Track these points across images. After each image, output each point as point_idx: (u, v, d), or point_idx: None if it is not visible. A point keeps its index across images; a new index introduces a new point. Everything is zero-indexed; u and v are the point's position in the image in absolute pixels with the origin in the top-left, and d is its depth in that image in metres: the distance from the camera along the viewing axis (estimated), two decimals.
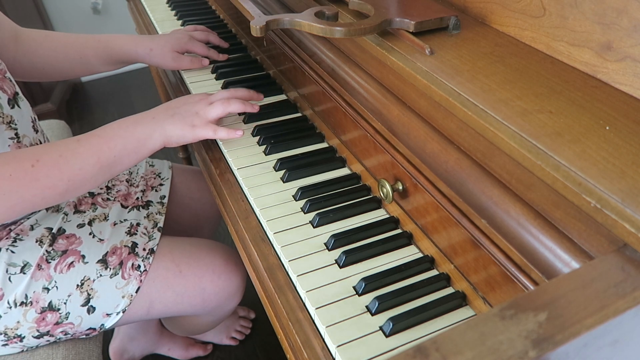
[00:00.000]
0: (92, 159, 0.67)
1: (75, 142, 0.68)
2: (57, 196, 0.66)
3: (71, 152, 0.66)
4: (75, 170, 0.66)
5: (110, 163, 0.69)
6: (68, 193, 0.67)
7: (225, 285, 0.86)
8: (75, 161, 0.66)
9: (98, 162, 0.68)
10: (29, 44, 0.90)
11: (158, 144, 0.73)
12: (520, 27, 0.56)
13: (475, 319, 0.32)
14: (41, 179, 0.63)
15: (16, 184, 0.61)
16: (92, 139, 0.69)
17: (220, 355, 1.31)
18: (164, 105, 0.77)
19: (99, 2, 2.39)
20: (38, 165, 0.63)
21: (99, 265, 0.77)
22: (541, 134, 0.42)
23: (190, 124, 0.74)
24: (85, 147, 0.67)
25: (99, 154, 0.68)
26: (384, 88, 0.64)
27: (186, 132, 0.74)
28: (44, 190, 0.64)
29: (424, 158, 0.57)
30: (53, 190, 0.65)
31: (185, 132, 0.74)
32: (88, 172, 0.67)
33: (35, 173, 0.63)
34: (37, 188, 0.63)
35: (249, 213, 0.70)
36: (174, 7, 1.31)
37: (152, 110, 0.75)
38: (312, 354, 0.53)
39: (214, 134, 0.76)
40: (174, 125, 0.73)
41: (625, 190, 0.36)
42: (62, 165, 0.65)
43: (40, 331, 0.75)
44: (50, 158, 0.64)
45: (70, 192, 0.67)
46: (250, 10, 0.66)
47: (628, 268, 0.36)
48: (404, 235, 0.64)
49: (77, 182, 0.67)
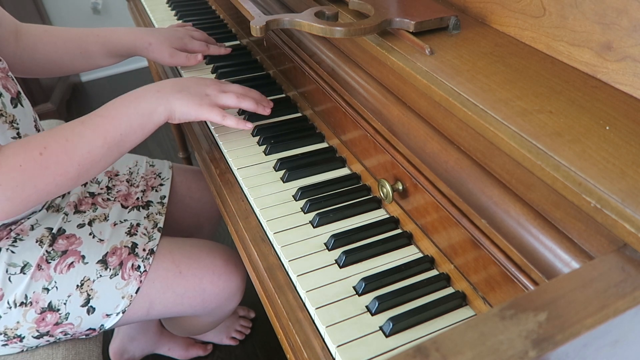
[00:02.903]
0: (99, 140, 0.67)
1: (80, 124, 0.67)
2: (70, 181, 0.66)
3: (77, 136, 0.65)
4: (83, 153, 0.65)
5: (117, 142, 0.68)
6: (80, 177, 0.67)
7: (225, 286, 0.86)
8: (83, 144, 0.65)
9: (105, 143, 0.67)
10: (28, 39, 0.89)
11: (163, 117, 0.71)
12: (520, 27, 0.56)
13: (475, 319, 0.32)
14: (51, 167, 0.63)
15: (28, 174, 0.61)
16: (96, 119, 0.68)
17: (220, 355, 1.31)
18: (171, 80, 0.75)
19: (99, 2, 2.39)
20: (46, 152, 0.63)
21: (98, 266, 0.77)
22: (541, 134, 0.42)
23: (197, 102, 0.72)
24: (91, 129, 0.67)
25: (105, 135, 0.67)
26: (384, 88, 0.64)
27: (191, 109, 0.72)
28: (56, 177, 0.64)
29: (424, 158, 0.57)
30: (65, 176, 0.64)
31: (189, 109, 0.72)
32: (97, 154, 0.67)
33: (45, 161, 0.62)
34: (49, 176, 0.63)
35: (249, 213, 0.70)
36: (174, 7, 1.31)
37: (158, 83, 0.74)
38: (312, 354, 0.53)
39: (222, 119, 0.74)
40: (181, 100, 0.72)
41: (625, 190, 0.36)
42: (69, 150, 0.64)
43: (40, 331, 0.75)
44: (57, 144, 0.64)
45: (82, 176, 0.67)
46: (250, 10, 0.66)
47: (628, 268, 0.36)
48: (404, 235, 0.64)
49: (87, 164, 0.66)
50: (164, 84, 0.74)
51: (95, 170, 0.68)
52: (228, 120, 0.74)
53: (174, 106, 0.71)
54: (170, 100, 0.71)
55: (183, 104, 0.72)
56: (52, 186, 0.64)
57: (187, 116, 0.73)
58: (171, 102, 0.71)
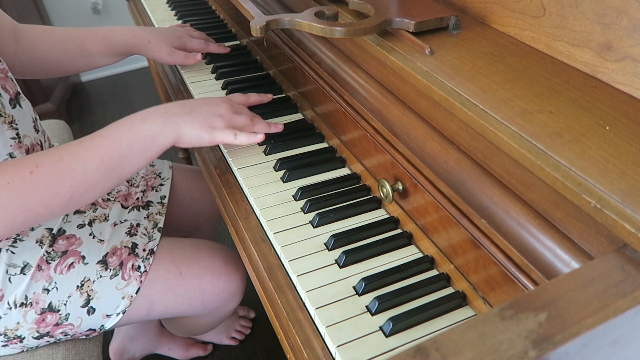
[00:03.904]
0: (96, 160, 0.63)
1: (78, 144, 0.63)
2: (60, 205, 0.62)
3: (72, 155, 0.62)
4: (77, 174, 0.61)
5: (115, 164, 0.64)
6: (73, 200, 0.62)
7: (225, 286, 0.86)
8: (77, 164, 0.62)
9: (102, 164, 0.63)
10: (27, 40, 0.89)
11: (168, 141, 0.67)
12: (520, 27, 0.56)
13: (475, 319, 0.32)
14: (41, 186, 0.59)
15: (15, 193, 0.58)
16: (96, 139, 0.64)
17: (220, 355, 1.31)
18: (179, 102, 0.71)
19: (99, 2, 2.39)
20: (37, 171, 0.59)
21: (99, 266, 0.77)
22: (541, 134, 0.42)
23: (210, 124, 0.68)
24: (88, 149, 0.63)
25: (103, 155, 0.63)
26: (384, 88, 0.64)
27: (204, 132, 0.68)
28: (45, 198, 0.60)
29: (424, 158, 0.57)
30: (55, 197, 0.61)
31: (202, 133, 0.68)
32: (92, 176, 0.63)
33: (34, 180, 0.59)
34: (38, 196, 0.59)
35: (249, 213, 0.70)
36: (174, 7, 1.31)
37: (165, 105, 0.69)
38: (312, 354, 0.53)
39: (234, 138, 0.69)
40: (192, 124, 0.67)
41: (625, 190, 0.36)
42: (62, 170, 0.61)
43: (40, 332, 0.75)
44: (50, 163, 0.60)
45: (75, 200, 0.63)
46: (250, 10, 0.66)
47: (628, 268, 0.36)
48: (404, 235, 0.64)
49: (81, 187, 0.62)
50: (172, 106, 0.69)
51: (90, 195, 0.64)
52: (240, 137, 0.70)
53: (182, 129, 0.67)
54: (178, 123, 0.67)
55: (195, 128, 0.67)
56: (40, 207, 0.60)
57: (199, 141, 0.68)
58: (179, 124, 0.67)
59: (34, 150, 0.77)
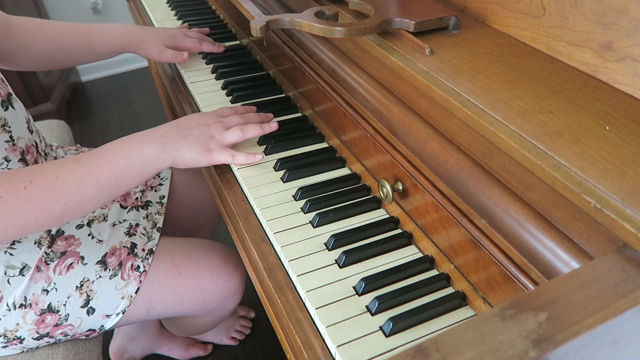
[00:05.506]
0: (91, 180, 0.63)
1: (74, 162, 0.64)
2: (52, 220, 0.62)
3: (68, 173, 0.62)
4: (71, 192, 0.62)
5: (110, 185, 0.65)
6: (64, 216, 0.63)
7: (225, 285, 0.86)
8: (72, 182, 0.62)
9: (97, 184, 0.64)
10: (22, 35, 0.89)
11: (165, 164, 0.69)
12: (520, 27, 0.56)
13: (475, 319, 0.32)
14: (34, 202, 0.59)
15: (7, 206, 0.58)
16: (93, 158, 0.65)
17: (220, 355, 1.31)
18: (173, 123, 0.72)
19: (99, 2, 2.39)
20: (31, 186, 0.59)
21: (98, 267, 0.77)
22: (541, 134, 0.42)
23: (206, 147, 0.70)
24: (85, 168, 0.63)
25: (99, 175, 0.64)
26: (384, 88, 0.64)
27: (202, 155, 0.70)
28: (37, 214, 0.60)
29: (424, 158, 0.57)
30: (47, 213, 0.61)
31: (200, 156, 0.70)
32: (86, 195, 0.63)
33: (28, 195, 0.59)
34: (30, 211, 0.59)
35: (249, 213, 0.70)
36: (174, 7, 1.31)
37: (161, 128, 0.71)
38: (312, 354, 0.53)
39: (233, 159, 0.72)
40: (189, 147, 0.69)
41: (625, 190, 0.36)
42: (57, 187, 0.61)
43: (40, 333, 0.75)
44: (45, 179, 0.60)
45: (66, 216, 0.63)
46: (250, 10, 0.66)
47: (628, 268, 0.36)
48: (404, 235, 0.64)
49: (74, 205, 0.63)
50: (167, 128, 0.70)
51: (82, 211, 0.65)
52: (238, 158, 0.72)
53: (179, 153, 0.69)
54: (175, 147, 0.68)
55: (192, 151, 0.69)
56: (32, 222, 0.60)
57: (198, 163, 0.70)
58: (177, 148, 0.68)
59: (29, 151, 0.77)
